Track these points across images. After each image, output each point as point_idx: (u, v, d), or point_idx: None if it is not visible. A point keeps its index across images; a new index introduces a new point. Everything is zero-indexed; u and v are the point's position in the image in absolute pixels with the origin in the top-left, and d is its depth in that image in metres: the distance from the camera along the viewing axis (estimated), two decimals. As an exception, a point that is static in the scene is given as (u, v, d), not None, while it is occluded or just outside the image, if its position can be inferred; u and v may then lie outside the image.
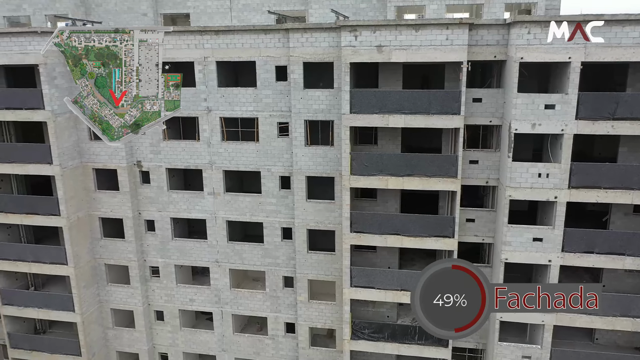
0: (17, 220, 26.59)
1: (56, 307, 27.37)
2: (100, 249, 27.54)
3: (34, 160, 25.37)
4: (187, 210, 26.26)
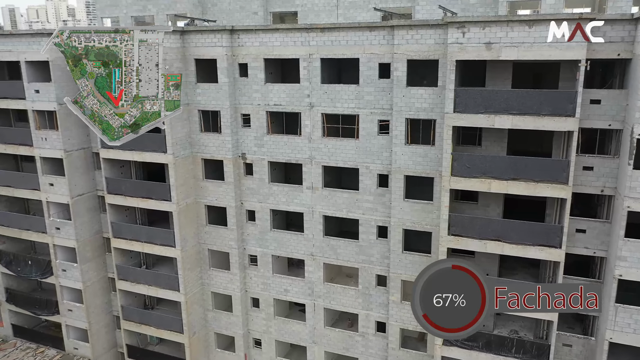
0: (134, 203, 28.92)
1: (163, 286, 29.43)
2: (205, 235, 29.17)
3: (151, 148, 27.41)
4: (286, 203, 27.02)
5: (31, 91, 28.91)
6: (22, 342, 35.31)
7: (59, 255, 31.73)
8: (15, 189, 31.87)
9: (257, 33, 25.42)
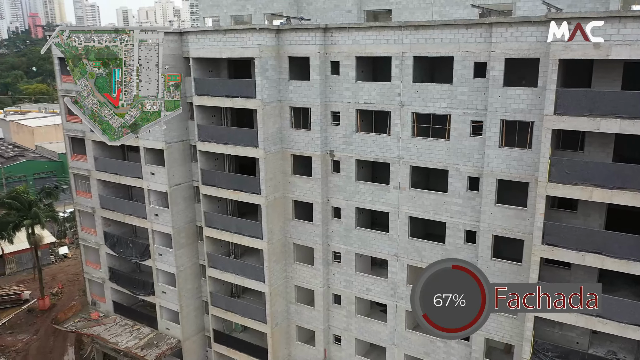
0: (226, 194, 30.17)
1: (250, 276, 30.46)
2: (291, 229, 29.80)
3: (243, 143, 28.45)
4: (372, 202, 26.92)
5: (138, 86, 31.02)
6: (121, 318, 38.10)
7: (156, 240, 33.87)
8: (121, 176, 34.44)
9: (350, 31, 25.51)
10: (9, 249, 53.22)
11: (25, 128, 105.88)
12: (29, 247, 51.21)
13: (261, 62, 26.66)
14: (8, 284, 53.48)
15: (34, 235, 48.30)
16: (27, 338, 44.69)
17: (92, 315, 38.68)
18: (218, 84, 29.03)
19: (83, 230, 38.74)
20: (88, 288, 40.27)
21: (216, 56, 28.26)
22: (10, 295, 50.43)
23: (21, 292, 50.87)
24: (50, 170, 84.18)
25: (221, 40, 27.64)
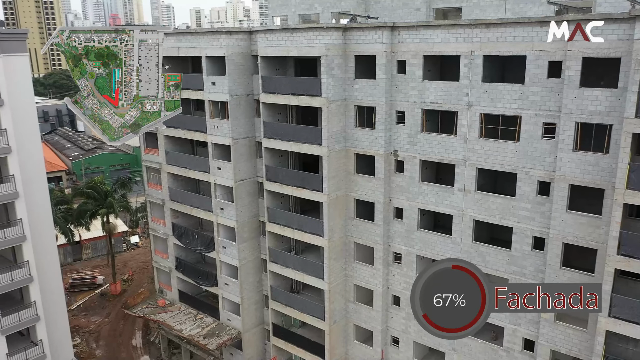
0: (289, 191, 30.58)
1: (309, 272, 30.74)
2: (352, 228, 29.79)
3: (307, 140, 28.73)
4: (435, 204, 26.43)
5: (209, 83, 32.07)
6: (185, 306, 39.57)
7: (220, 233, 34.89)
8: (190, 170, 35.72)
9: (418, 29, 25.15)
10: (85, 236, 56.63)
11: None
12: (103, 235, 54.32)
13: (327, 60, 26.80)
14: (84, 269, 56.93)
15: (108, 223, 51.17)
16: (99, 320, 47.39)
17: (159, 303, 40.40)
18: (284, 81, 29.48)
19: (153, 221, 40.53)
20: (156, 276, 42.09)
21: (283, 54, 28.70)
22: (85, 279, 53.70)
23: (95, 277, 54.03)
24: (124, 163, 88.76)
25: (288, 39, 28.03)
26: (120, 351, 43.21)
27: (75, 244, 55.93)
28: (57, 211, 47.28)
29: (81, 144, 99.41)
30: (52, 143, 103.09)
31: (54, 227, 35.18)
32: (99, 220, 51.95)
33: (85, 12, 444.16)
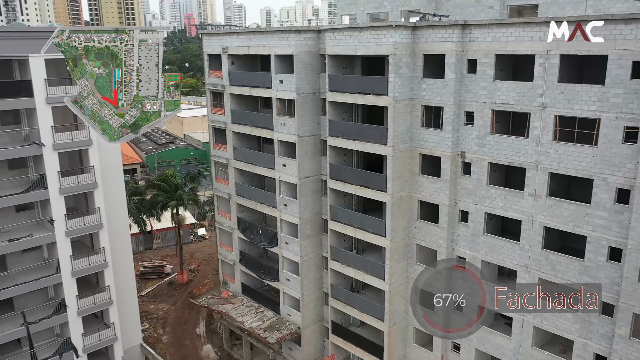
0: (352, 190, 30.57)
1: (370, 272, 30.60)
2: (415, 229, 29.36)
3: (372, 139, 28.59)
4: (503, 208, 25.54)
5: (277, 81, 32.62)
6: (247, 299, 40.50)
7: (284, 229, 35.42)
8: (256, 166, 36.51)
9: (490, 28, 24.37)
10: (156, 226, 59.21)
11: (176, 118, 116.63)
12: (173, 226, 56.60)
13: (395, 59, 26.53)
14: (154, 257, 59.60)
15: (177, 215, 53.30)
16: (166, 307, 49.47)
17: (223, 294, 41.60)
18: (351, 80, 29.48)
19: (219, 215, 41.77)
20: (220, 268, 43.37)
21: (351, 53, 28.69)
22: (155, 267, 56.22)
23: (164, 266, 56.44)
24: (194, 158, 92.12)
25: (356, 38, 27.99)
26: (185, 338, 44.90)
27: (147, 233, 58.60)
28: (131, 202, 49.75)
29: (155, 138, 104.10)
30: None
31: (128, 217, 37.02)
32: (169, 212, 54.22)
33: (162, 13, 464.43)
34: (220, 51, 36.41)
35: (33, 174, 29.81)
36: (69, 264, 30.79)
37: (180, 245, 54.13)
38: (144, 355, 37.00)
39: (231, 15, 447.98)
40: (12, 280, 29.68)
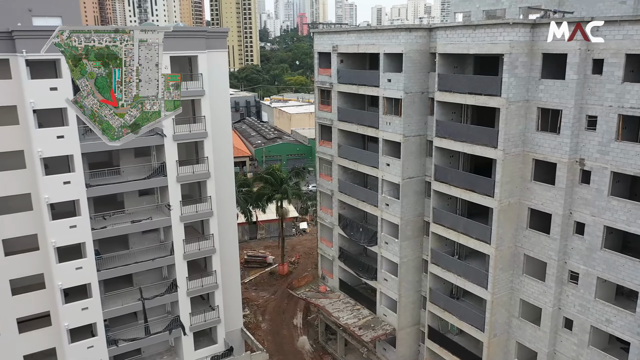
0: (457, 193, 29.61)
1: (472, 280, 29.48)
2: (523, 239, 27.79)
3: (481, 142, 27.46)
4: (626, 222, 23.32)
5: (384, 80, 32.44)
6: (344, 295, 40.86)
7: (384, 228, 35.23)
8: (359, 164, 36.65)
9: (621, 25, 22.31)
10: (261, 217, 61.66)
11: (285, 114, 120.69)
12: (276, 219, 58.62)
13: (510, 58, 25.23)
14: (257, 247, 62.16)
15: (281, 208, 55.12)
16: (266, 296, 51.41)
17: (320, 288, 42.35)
18: (462, 80, 28.53)
19: (321, 210, 42.52)
20: (320, 263, 44.16)
21: (463, 52, 27.75)
22: (258, 257, 58.65)
23: (267, 256, 58.69)
24: (300, 153, 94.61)
25: (470, 36, 27.01)
26: (283, 327, 46.36)
27: (252, 224, 61.22)
28: (239, 192, 52.23)
29: (264, 133, 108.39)
30: (240, 131, 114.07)
31: (235, 207, 38.86)
32: (274, 205, 56.22)
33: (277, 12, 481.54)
34: (330, 49, 36.97)
35: (155, 162, 32.29)
36: (182, 247, 33.02)
37: (282, 237, 55.94)
38: (244, 339, 38.69)
39: (342, 13, 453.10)
40: (133, 258, 32.45)
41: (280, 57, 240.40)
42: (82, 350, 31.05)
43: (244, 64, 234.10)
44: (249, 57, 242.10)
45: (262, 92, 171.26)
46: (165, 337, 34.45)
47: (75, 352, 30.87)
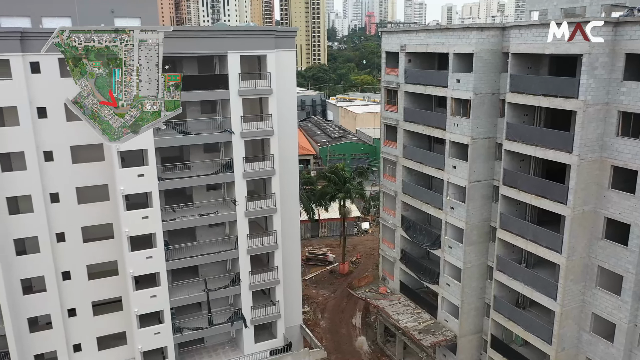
0: (527, 199, 28.46)
1: (540, 289, 28.26)
2: (597, 249, 26.33)
3: (555, 146, 26.23)
4: None
5: (453, 80, 31.71)
6: (404, 298, 40.37)
7: (448, 232, 34.47)
8: (424, 165, 36.05)
9: None
10: (323, 216, 61.99)
11: (350, 113, 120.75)
12: (338, 217, 58.71)
13: (590, 59, 23.92)
14: (319, 245, 62.60)
15: (344, 207, 55.20)
16: (326, 294, 51.68)
17: (381, 289, 42.05)
18: (536, 81, 27.37)
19: (384, 211, 42.20)
20: (381, 264, 43.86)
21: (538, 52, 26.62)
22: (319, 255, 59.05)
23: (328, 254, 58.98)
24: (364, 153, 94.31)
25: (546, 35, 25.86)
26: (341, 326, 46.45)
27: (314, 221, 61.68)
28: (303, 190, 52.82)
29: (329, 132, 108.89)
30: (305, 129, 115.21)
31: (299, 204, 39.33)
32: (336, 203, 56.39)
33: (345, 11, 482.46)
34: (398, 49, 36.59)
35: (223, 158, 33.28)
36: (245, 242, 33.83)
37: (344, 236, 56.02)
38: (303, 336, 39.12)
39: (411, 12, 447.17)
40: (199, 250, 33.61)
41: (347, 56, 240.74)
42: (150, 335, 32.53)
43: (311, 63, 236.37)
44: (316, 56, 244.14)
45: (328, 91, 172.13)
46: (227, 329, 35.46)
47: (143, 337, 32.38)
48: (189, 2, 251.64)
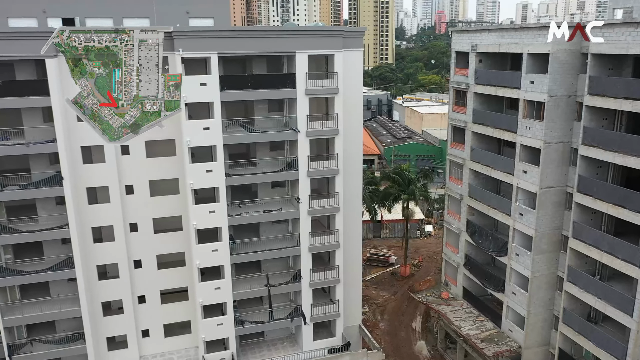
0: (603, 208, 26.94)
1: (614, 304, 26.70)
2: (682, 265, 24.50)
3: (636, 153, 24.65)
4: None
5: (526, 82, 30.49)
6: (467, 305, 39.32)
7: (515, 239, 33.21)
8: (492, 169, 34.92)
9: None
10: (386, 217, 61.53)
11: (416, 114, 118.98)
12: (401, 219, 58.03)
13: (680, 60, 22.27)
14: (380, 246, 62.17)
15: (407, 209, 54.48)
16: (386, 296, 51.25)
17: (442, 294, 41.19)
18: (617, 83, 25.82)
19: (448, 214, 41.27)
20: (443, 268, 42.95)
21: (622, 52, 25.10)
22: (380, 256, 58.65)
23: (389, 256, 58.47)
24: (430, 154, 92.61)
25: (630, 35, 24.35)
26: (400, 329, 45.91)
27: (377, 222, 61.30)
28: (366, 190, 52.59)
29: (394, 132, 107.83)
30: (370, 129, 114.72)
31: (361, 204, 39.19)
32: (399, 205, 55.75)
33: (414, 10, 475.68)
34: (469, 49, 35.65)
35: (288, 156, 33.73)
36: (307, 240, 34.14)
37: (406, 238, 55.31)
38: (361, 336, 38.98)
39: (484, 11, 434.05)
40: (262, 245, 34.27)
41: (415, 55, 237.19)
42: (213, 326, 33.56)
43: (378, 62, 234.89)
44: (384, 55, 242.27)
45: (395, 90, 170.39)
46: (287, 324, 35.95)
47: (206, 326, 33.46)
48: (260, 2, 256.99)
